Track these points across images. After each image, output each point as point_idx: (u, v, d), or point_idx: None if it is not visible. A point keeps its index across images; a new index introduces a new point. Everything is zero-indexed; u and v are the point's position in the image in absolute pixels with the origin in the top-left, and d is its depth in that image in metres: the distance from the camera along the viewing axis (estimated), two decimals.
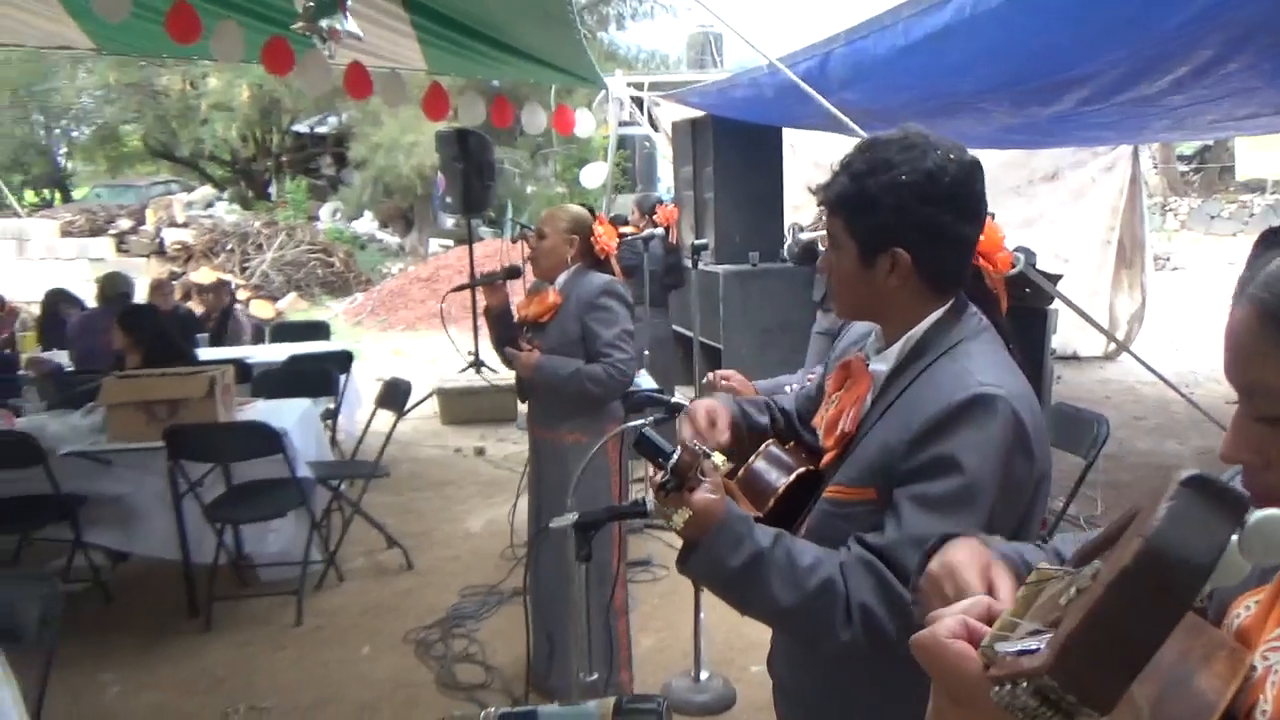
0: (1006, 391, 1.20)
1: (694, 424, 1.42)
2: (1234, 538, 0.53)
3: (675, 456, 1.20)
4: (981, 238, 1.70)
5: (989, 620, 0.63)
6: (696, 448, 1.21)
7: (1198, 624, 0.73)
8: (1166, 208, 18.94)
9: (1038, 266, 5.23)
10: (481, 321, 4.00)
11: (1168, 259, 15.57)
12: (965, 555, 0.82)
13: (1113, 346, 8.42)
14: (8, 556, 4.31)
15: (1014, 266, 1.90)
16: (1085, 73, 3.74)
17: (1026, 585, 0.59)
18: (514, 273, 3.27)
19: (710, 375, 2.02)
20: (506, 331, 3.15)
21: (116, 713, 3.28)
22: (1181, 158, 20.58)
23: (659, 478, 1.22)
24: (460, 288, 3.44)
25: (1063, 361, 8.30)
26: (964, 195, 1.26)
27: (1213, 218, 18.35)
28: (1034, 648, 0.50)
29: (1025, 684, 0.48)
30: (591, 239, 3.04)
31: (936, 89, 4.37)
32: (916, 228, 1.25)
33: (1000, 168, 8.07)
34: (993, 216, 1.74)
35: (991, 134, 5.90)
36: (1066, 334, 8.08)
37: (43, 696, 2.11)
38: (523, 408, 3.33)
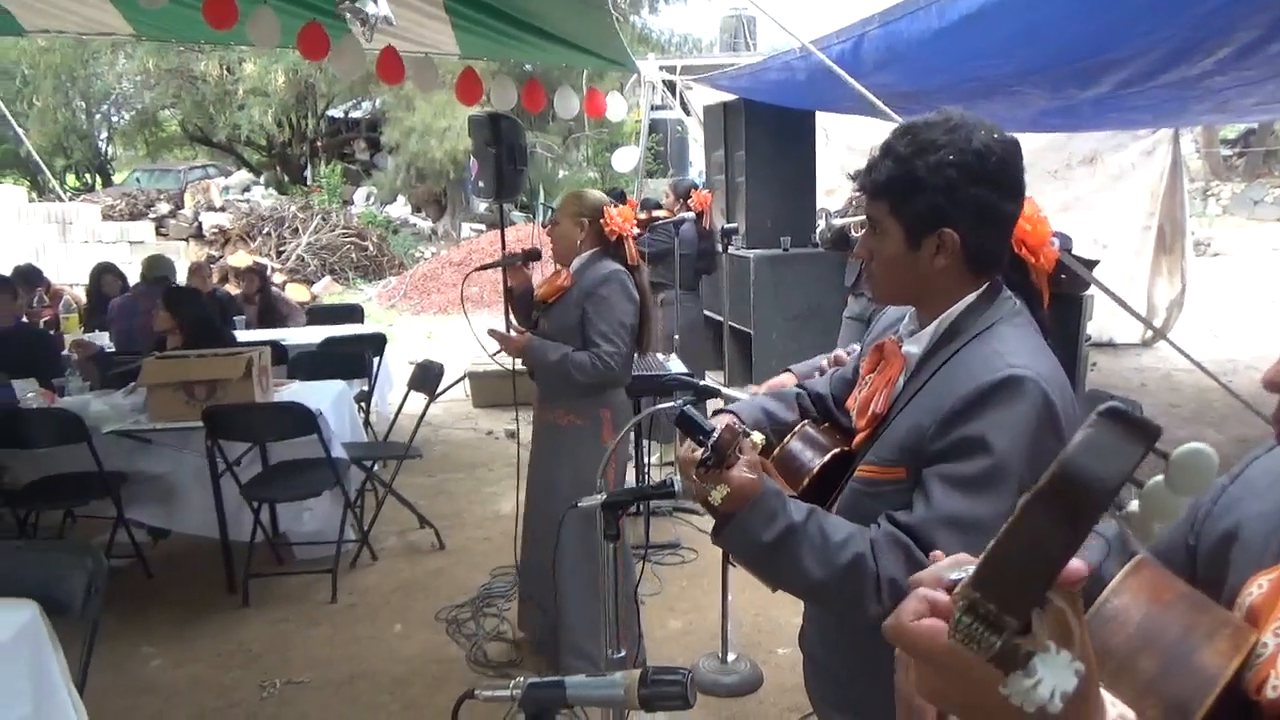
0: (1036, 373, 1.21)
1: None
2: (1160, 477, 0.58)
3: (716, 434, 1.22)
4: (1028, 228, 1.70)
5: None
6: (736, 426, 1.23)
7: (1203, 602, 0.74)
8: (1209, 192, 18.54)
9: (1074, 252, 5.16)
10: (472, 310, 4.03)
11: (1209, 244, 15.26)
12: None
13: (1150, 334, 8.29)
14: (53, 532, 4.44)
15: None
16: (1124, 54, 3.68)
17: None
18: (534, 255, 3.32)
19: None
20: (528, 312, 3.19)
21: (157, 684, 3.37)
22: (1225, 141, 20.13)
23: (699, 455, 1.24)
24: (482, 268, 3.49)
25: (1098, 348, 8.20)
26: (1009, 175, 1.27)
27: (1256, 203, 17.94)
28: (970, 570, 0.54)
29: (961, 603, 0.52)
30: (603, 222, 3.04)
31: (972, 72, 4.32)
32: (965, 207, 1.26)
33: (1037, 152, 7.95)
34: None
35: (1028, 117, 5.82)
36: (1102, 321, 7.98)
37: (87, 666, 2.18)
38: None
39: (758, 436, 1.25)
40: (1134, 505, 0.64)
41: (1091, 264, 5.40)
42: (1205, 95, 4.51)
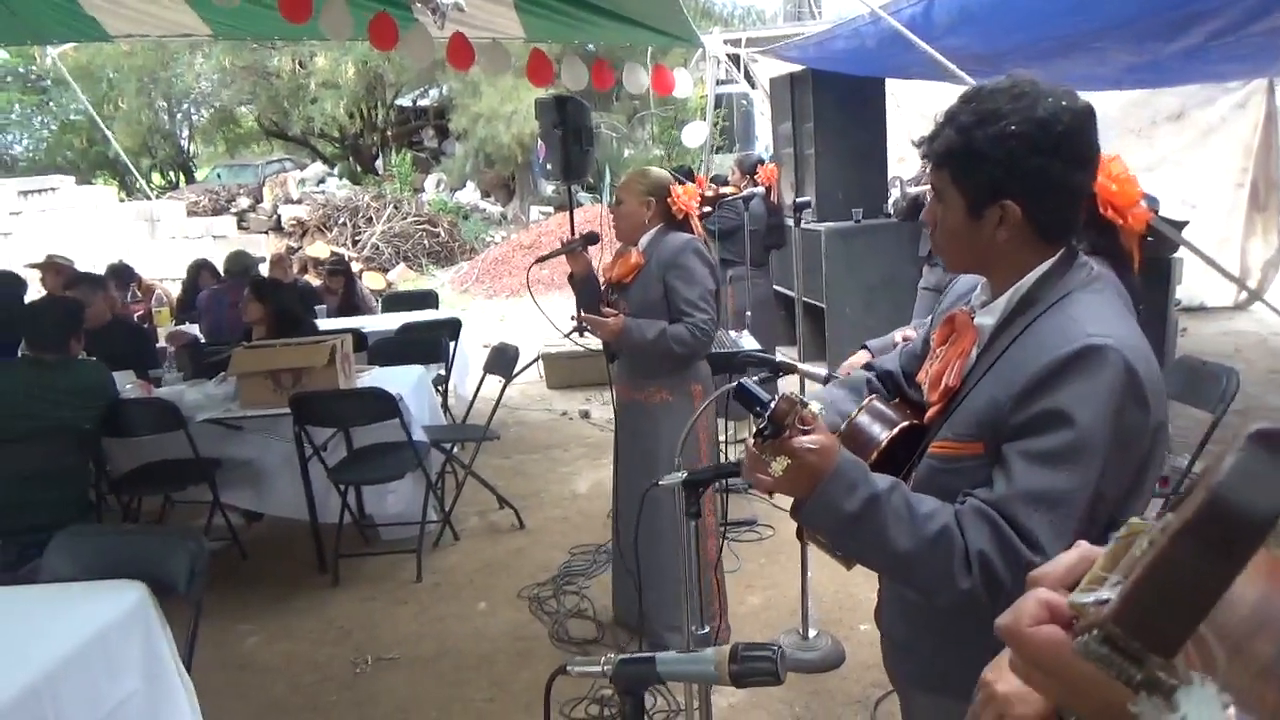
0: (1116, 340, 1.17)
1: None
2: None
3: (772, 404, 1.21)
4: (1114, 188, 1.63)
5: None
6: (794, 396, 1.21)
7: None
8: None
9: (1161, 213, 4.96)
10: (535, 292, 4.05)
11: None
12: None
13: (1244, 296, 7.94)
14: (153, 517, 4.65)
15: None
16: (1214, 4, 3.50)
17: (1117, 540, 0.58)
18: (592, 239, 3.29)
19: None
20: (592, 297, 3.19)
21: (255, 661, 3.52)
22: None
23: (757, 425, 1.23)
24: (542, 259, 3.51)
25: (1188, 313, 7.88)
26: (1076, 143, 1.22)
27: None
28: (1107, 598, 0.51)
29: (1096, 632, 0.49)
30: (669, 200, 3.03)
31: (1048, 30, 4.16)
32: (1027, 179, 1.22)
33: (1120, 109, 7.66)
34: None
35: (1109, 75, 5.59)
36: (1192, 284, 7.65)
37: (193, 643, 2.29)
38: (612, 368, 3.38)
39: (816, 406, 1.22)
40: None
41: (1180, 225, 5.19)
42: None
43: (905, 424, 1.41)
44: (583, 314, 3.12)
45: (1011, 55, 4.62)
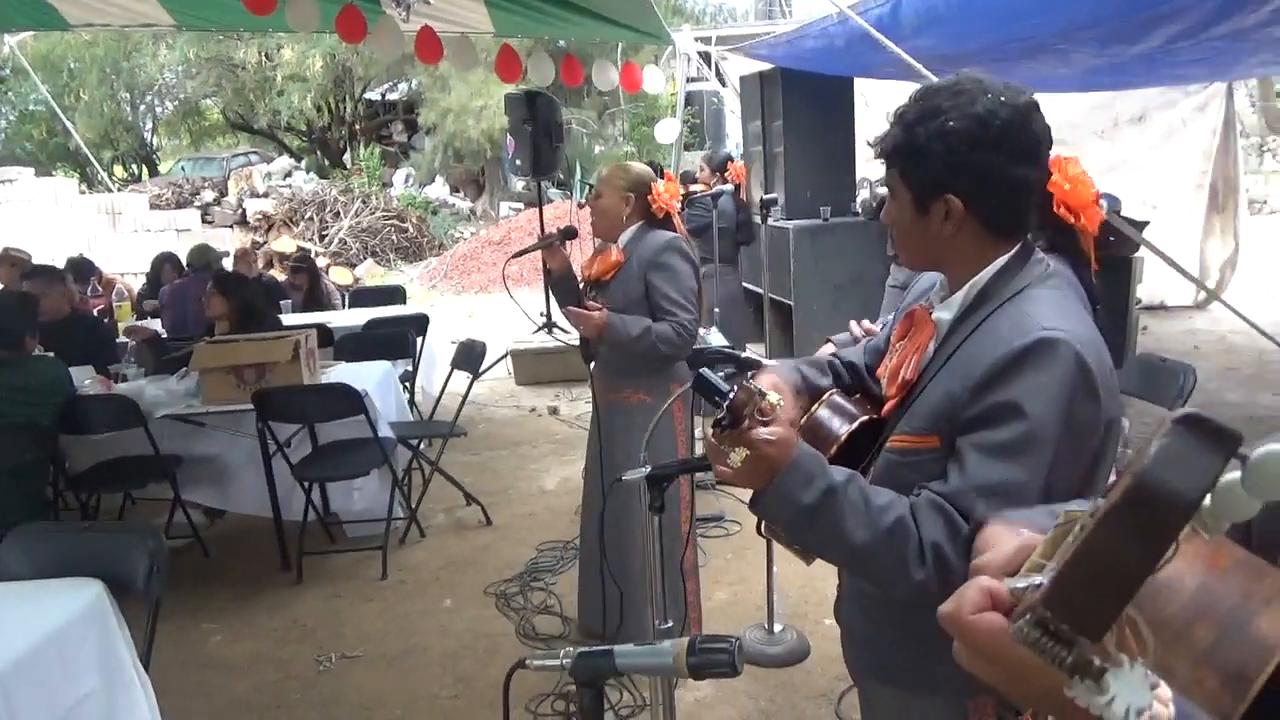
0: (1069, 335, 1.19)
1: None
2: (1237, 474, 0.54)
3: (731, 395, 1.21)
4: (1068, 188, 1.65)
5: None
6: (753, 387, 1.21)
7: (1260, 567, 0.73)
8: (1265, 148, 17.93)
9: (1123, 213, 5.04)
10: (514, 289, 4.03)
11: (1264, 202, 14.81)
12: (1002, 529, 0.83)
13: (1202, 295, 8.09)
14: (113, 515, 4.58)
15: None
16: (1177, 6, 3.56)
17: (1056, 528, 0.59)
18: (570, 234, 3.26)
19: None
20: (570, 294, 3.15)
21: (218, 659, 3.47)
22: None
23: (715, 416, 1.24)
24: (519, 254, 3.48)
25: (1149, 312, 8.02)
26: (1017, 138, 1.24)
27: None
28: (1040, 583, 0.52)
29: (1028, 616, 0.50)
30: (649, 197, 2.98)
31: (1014, 31, 4.21)
32: (967, 173, 1.25)
33: (1084, 112, 7.76)
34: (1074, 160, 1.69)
35: (1074, 77, 5.67)
36: (1153, 283, 7.80)
37: (151, 641, 2.25)
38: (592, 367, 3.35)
39: (774, 396, 1.23)
40: (1206, 501, 0.62)
41: (1141, 225, 5.28)
42: (1260, 46, 4.36)
43: (865, 418, 1.42)
44: (567, 308, 3.07)
45: (978, 57, 4.67)
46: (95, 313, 5.94)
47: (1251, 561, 0.74)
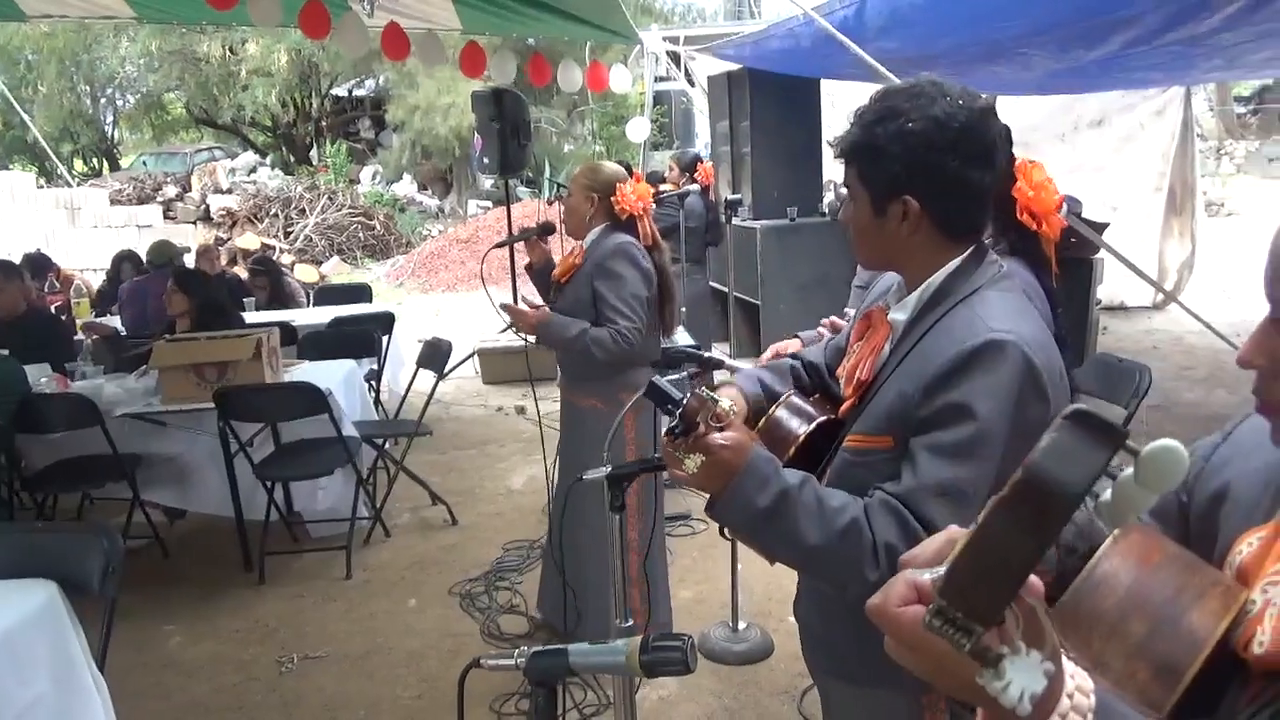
0: (1018, 336, 1.21)
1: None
2: (1130, 470, 0.57)
3: (684, 402, 1.22)
4: (1031, 194, 1.68)
5: None
6: (705, 394, 1.22)
7: (1193, 562, 0.75)
8: (1222, 152, 18.31)
9: (1084, 215, 5.13)
10: (521, 280, 4.02)
11: (1221, 205, 15.10)
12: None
13: (1161, 296, 8.23)
14: (70, 516, 4.50)
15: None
16: (1131, 13, 3.63)
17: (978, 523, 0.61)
18: (548, 229, 3.27)
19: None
20: (548, 288, 3.15)
21: (178, 661, 3.43)
22: (1239, 99, 19.82)
23: (668, 424, 1.24)
24: (499, 245, 3.48)
25: (1109, 312, 8.15)
26: (974, 141, 1.26)
27: (1271, 161, 17.70)
28: (941, 573, 0.54)
29: (931, 605, 0.52)
30: (612, 199, 2.96)
31: (976, 35, 4.27)
32: (925, 175, 1.26)
33: (1045, 115, 7.87)
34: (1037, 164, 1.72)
35: (1035, 80, 5.75)
36: (1113, 284, 7.92)
37: (106, 643, 2.22)
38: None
39: (726, 402, 1.24)
40: (1107, 495, 0.64)
41: (1101, 227, 5.37)
42: (1213, 52, 4.45)
43: (822, 418, 1.43)
44: (503, 304, 3.06)
45: (941, 59, 4.72)
46: (53, 309, 5.83)
47: (1184, 557, 0.76)
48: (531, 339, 3.09)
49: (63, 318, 5.69)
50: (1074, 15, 3.80)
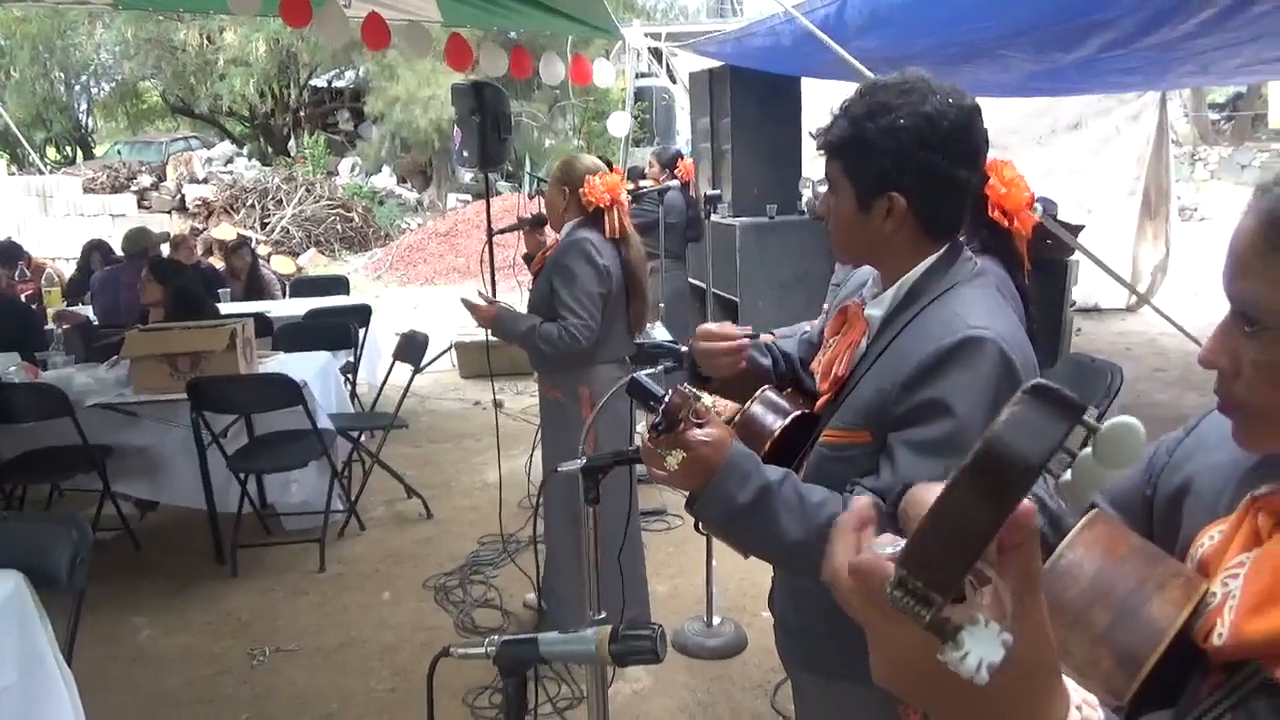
0: (994, 332, 1.22)
1: (707, 335, 1.50)
2: (1088, 449, 0.58)
3: (666, 398, 1.22)
4: (1004, 191, 1.69)
5: None
6: (687, 390, 1.22)
7: (1156, 554, 0.76)
8: (1196, 157, 18.53)
9: (1059, 218, 5.17)
10: (500, 274, 4.02)
11: (1195, 209, 15.29)
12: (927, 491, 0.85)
13: (1135, 299, 8.33)
14: (40, 507, 4.44)
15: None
16: (1109, 16, 3.66)
17: None
18: (541, 220, 3.29)
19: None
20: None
21: (148, 654, 3.40)
22: (1213, 105, 20.08)
23: (650, 420, 1.24)
24: (499, 231, 3.47)
25: (1083, 314, 8.23)
26: (962, 140, 1.26)
27: (1243, 167, 17.92)
28: (901, 545, 0.54)
29: (892, 577, 0.52)
30: (582, 191, 2.95)
31: (956, 35, 4.29)
32: (913, 172, 1.26)
33: (1022, 118, 7.93)
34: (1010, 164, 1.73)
35: (1013, 82, 5.79)
36: (1088, 286, 8.00)
37: (74, 635, 2.20)
38: None
39: (709, 399, 1.24)
40: (1068, 475, 0.65)
41: (1076, 229, 5.41)
42: (1188, 57, 4.51)
43: (798, 413, 1.44)
44: (462, 298, 3.11)
45: (920, 59, 4.74)
46: (24, 298, 5.75)
47: (1147, 549, 0.77)
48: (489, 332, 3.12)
49: (33, 306, 5.61)
50: (1052, 17, 3.83)
